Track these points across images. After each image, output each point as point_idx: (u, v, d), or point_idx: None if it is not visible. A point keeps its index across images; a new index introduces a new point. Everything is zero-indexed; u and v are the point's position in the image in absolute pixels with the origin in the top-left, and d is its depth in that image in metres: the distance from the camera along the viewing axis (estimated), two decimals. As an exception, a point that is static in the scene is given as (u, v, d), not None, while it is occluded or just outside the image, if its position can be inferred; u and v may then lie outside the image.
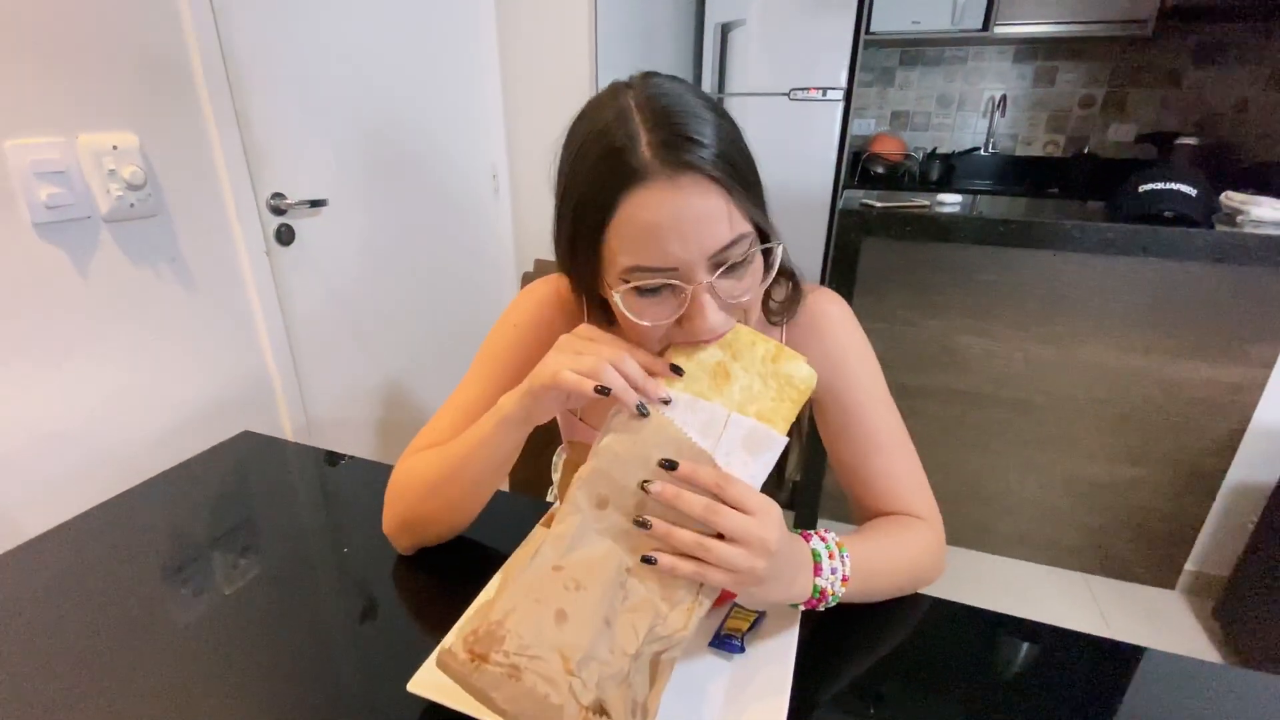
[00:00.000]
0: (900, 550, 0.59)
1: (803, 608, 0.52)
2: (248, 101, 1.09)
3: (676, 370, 0.48)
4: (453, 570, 0.63)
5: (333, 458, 0.85)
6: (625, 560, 0.44)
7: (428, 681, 0.48)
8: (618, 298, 0.49)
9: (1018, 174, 2.95)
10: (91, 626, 0.56)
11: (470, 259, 1.75)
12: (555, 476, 0.91)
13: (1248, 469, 1.56)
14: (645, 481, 0.44)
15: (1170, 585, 1.73)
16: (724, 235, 0.46)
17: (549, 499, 0.85)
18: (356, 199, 1.34)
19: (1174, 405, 1.54)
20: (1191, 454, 1.58)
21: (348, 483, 0.82)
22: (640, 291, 0.48)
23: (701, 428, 0.45)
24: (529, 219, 1.90)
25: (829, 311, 0.65)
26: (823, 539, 0.52)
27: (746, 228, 0.48)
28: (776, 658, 0.51)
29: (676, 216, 0.45)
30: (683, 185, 0.45)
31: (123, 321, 0.95)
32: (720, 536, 0.43)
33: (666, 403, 0.47)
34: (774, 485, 0.78)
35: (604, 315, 0.65)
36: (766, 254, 0.51)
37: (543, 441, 1.01)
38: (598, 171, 0.47)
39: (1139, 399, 1.56)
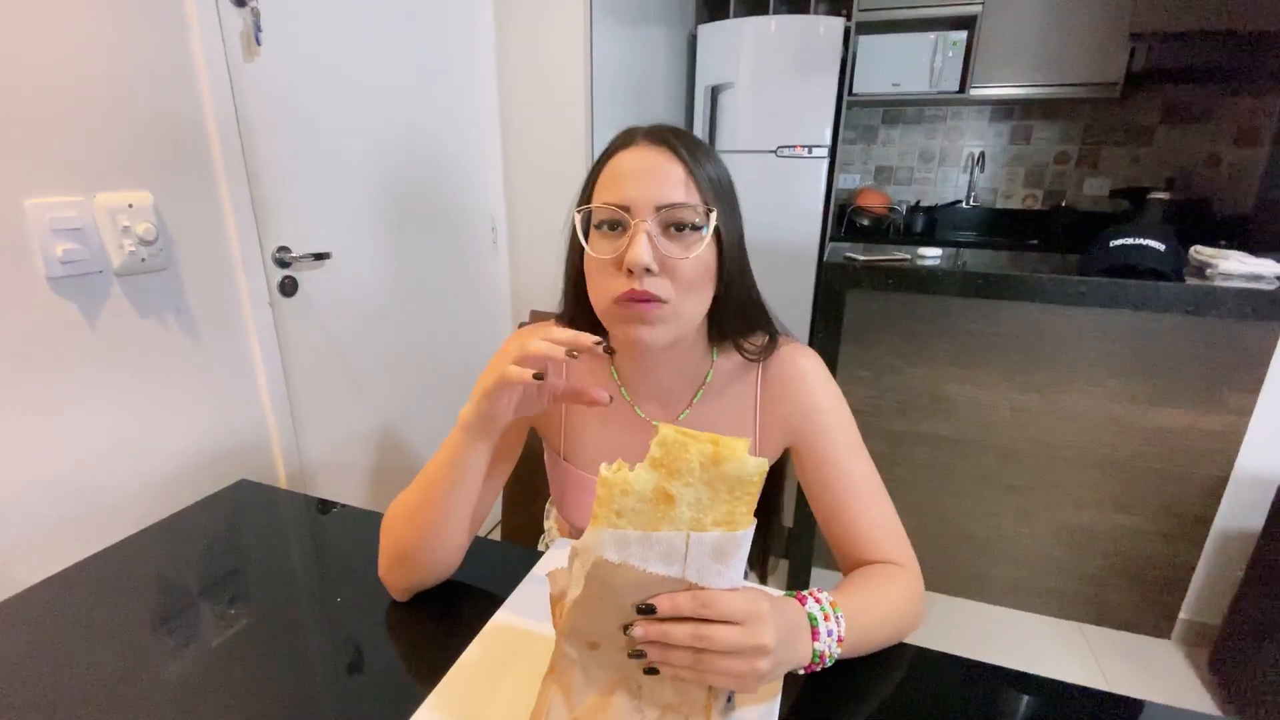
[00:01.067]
0: (888, 603, 0.60)
1: (801, 672, 0.52)
2: (258, 159, 1.14)
3: (605, 347, 0.52)
4: (445, 619, 0.64)
5: (326, 506, 0.86)
6: (634, 679, 0.46)
7: (417, 732, 0.49)
8: (584, 234, 0.61)
9: (998, 226, 3.06)
10: (86, 679, 0.56)
11: (468, 310, 1.79)
12: (547, 524, 0.92)
13: (1235, 516, 1.57)
14: (627, 626, 0.43)
15: (1166, 634, 1.72)
16: (676, 195, 0.57)
17: (540, 548, 0.86)
18: (359, 251, 1.39)
19: (1157, 453, 1.57)
20: (1178, 501, 1.59)
21: (341, 531, 0.83)
22: (599, 228, 0.60)
23: (663, 558, 0.42)
24: (526, 271, 1.95)
25: (802, 365, 0.68)
26: (817, 600, 0.52)
27: (699, 206, 0.58)
28: (762, 713, 0.52)
29: (640, 167, 0.59)
30: (655, 151, 0.59)
31: (127, 371, 0.97)
32: None
33: (600, 344, 0.52)
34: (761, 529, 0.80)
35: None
36: (721, 264, 0.61)
37: (533, 491, 1.03)
38: (605, 150, 0.62)
39: (1123, 446, 1.59)
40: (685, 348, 0.67)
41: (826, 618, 0.51)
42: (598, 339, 0.52)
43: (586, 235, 0.61)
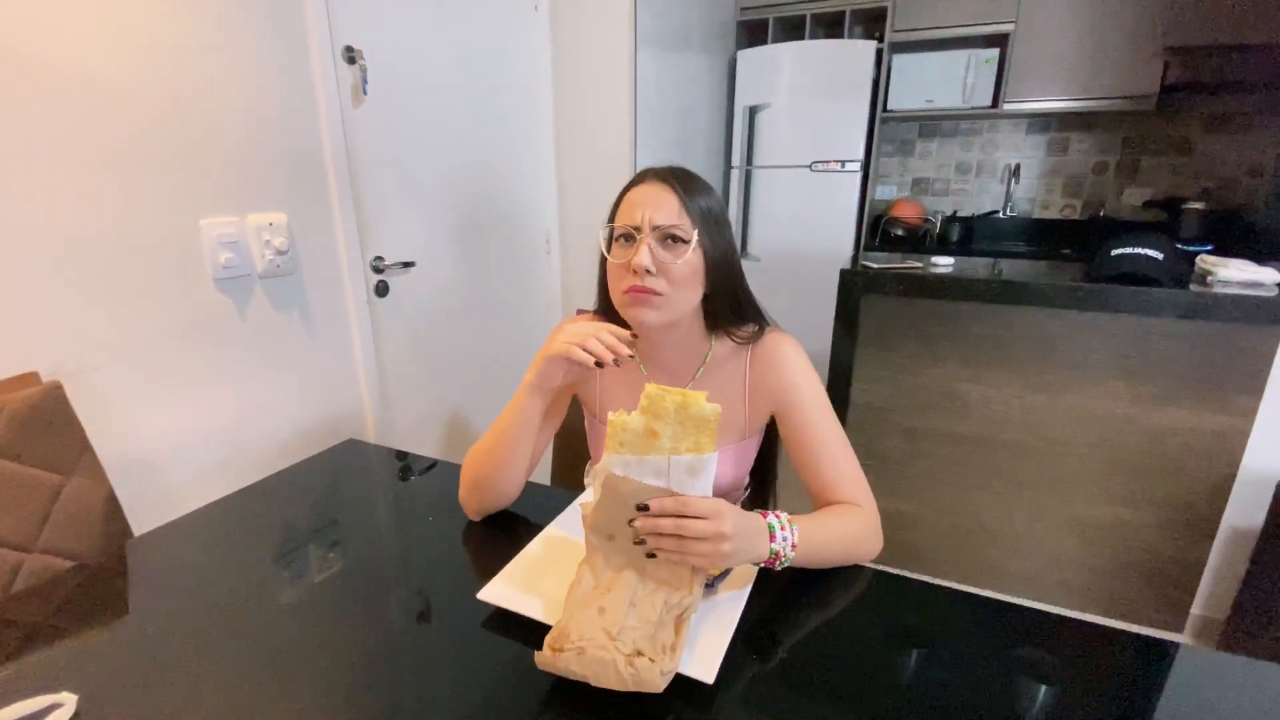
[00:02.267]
0: (840, 528, 0.78)
1: (763, 565, 0.71)
2: (360, 185, 1.41)
3: (632, 338, 0.76)
4: (507, 535, 0.86)
5: (419, 460, 1.10)
6: (640, 564, 0.67)
7: (493, 593, 0.70)
8: (606, 247, 0.82)
9: (1036, 236, 3.10)
10: (229, 586, 0.80)
11: (526, 310, 2.04)
12: (587, 481, 1.13)
13: (1243, 513, 1.63)
14: (631, 520, 0.64)
15: (1179, 629, 1.78)
16: (669, 218, 0.78)
17: (586, 479, 1.07)
18: (437, 260, 1.65)
19: (1163, 451, 1.65)
20: (1186, 498, 1.66)
21: (433, 479, 1.06)
22: (618, 241, 0.80)
23: (654, 474, 0.64)
24: (575, 276, 2.18)
25: (783, 348, 0.87)
26: (776, 516, 0.72)
27: (687, 226, 0.78)
28: (734, 598, 0.71)
29: (646, 198, 0.79)
30: (657, 187, 0.79)
31: (265, 353, 1.24)
32: None
33: (631, 356, 0.74)
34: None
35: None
36: (707, 270, 0.81)
37: (573, 459, 1.24)
38: (625, 187, 0.83)
39: (1130, 444, 1.67)
40: (683, 333, 0.86)
41: (782, 528, 0.71)
42: (631, 338, 0.76)
43: (609, 247, 0.83)
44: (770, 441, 1.01)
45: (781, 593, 0.74)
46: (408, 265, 1.53)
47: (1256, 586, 1.53)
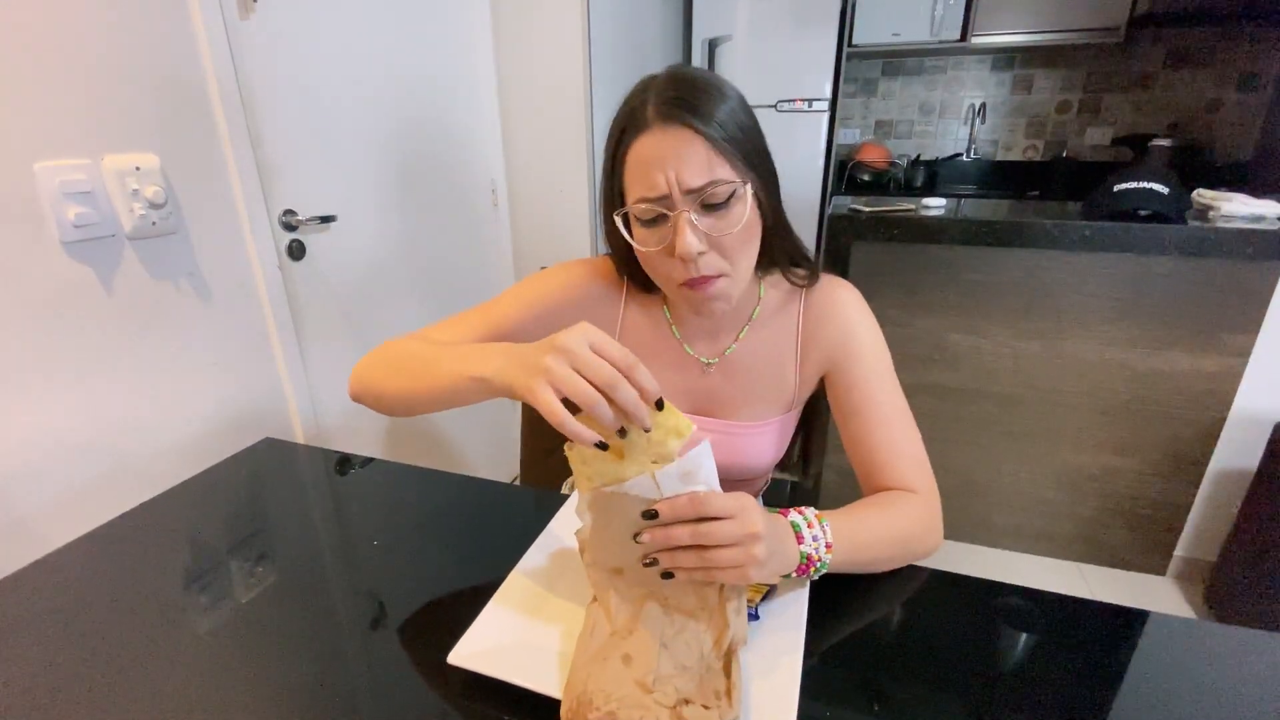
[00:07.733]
0: (888, 521, 0.63)
1: (795, 574, 0.55)
2: (260, 122, 1.13)
3: (659, 405, 0.47)
4: (482, 556, 0.67)
5: (351, 460, 0.88)
6: (661, 593, 0.52)
7: (466, 653, 0.51)
8: (628, 233, 0.62)
9: (999, 178, 3.03)
10: (117, 634, 0.58)
11: (472, 270, 1.79)
12: (571, 485, 0.94)
13: (1231, 455, 1.61)
14: (636, 535, 0.49)
15: (1161, 571, 1.78)
16: (700, 176, 0.57)
17: (565, 490, 0.88)
18: (363, 214, 1.38)
19: (1156, 395, 1.60)
20: (1176, 442, 1.63)
21: (369, 483, 0.85)
22: (642, 222, 0.61)
23: (645, 495, 0.49)
24: (527, 231, 1.94)
25: (841, 296, 0.71)
26: (800, 513, 0.56)
27: (728, 176, 0.58)
28: (790, 623, 0.55)
29: (662, 155, 0.58)
30: (671, 132, 0.58)
31: (145, 335, 0.98)
32: None
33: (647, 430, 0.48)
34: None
35: (642, 290, 0.73)
36: (761, 213, 0.62)
37: (548, 445, 1.05)
38: (618, 129, 0.62)
39: (1123, 390, 1.62)
40: None
41: (810, 525, 0.56)
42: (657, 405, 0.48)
43: (630, 231, 0.63)
44: (807, 418, 0.84)
45: (833, 607, 0.58)
46: (327, 220, 1.27)
47: (1251, 526, 1.51)
